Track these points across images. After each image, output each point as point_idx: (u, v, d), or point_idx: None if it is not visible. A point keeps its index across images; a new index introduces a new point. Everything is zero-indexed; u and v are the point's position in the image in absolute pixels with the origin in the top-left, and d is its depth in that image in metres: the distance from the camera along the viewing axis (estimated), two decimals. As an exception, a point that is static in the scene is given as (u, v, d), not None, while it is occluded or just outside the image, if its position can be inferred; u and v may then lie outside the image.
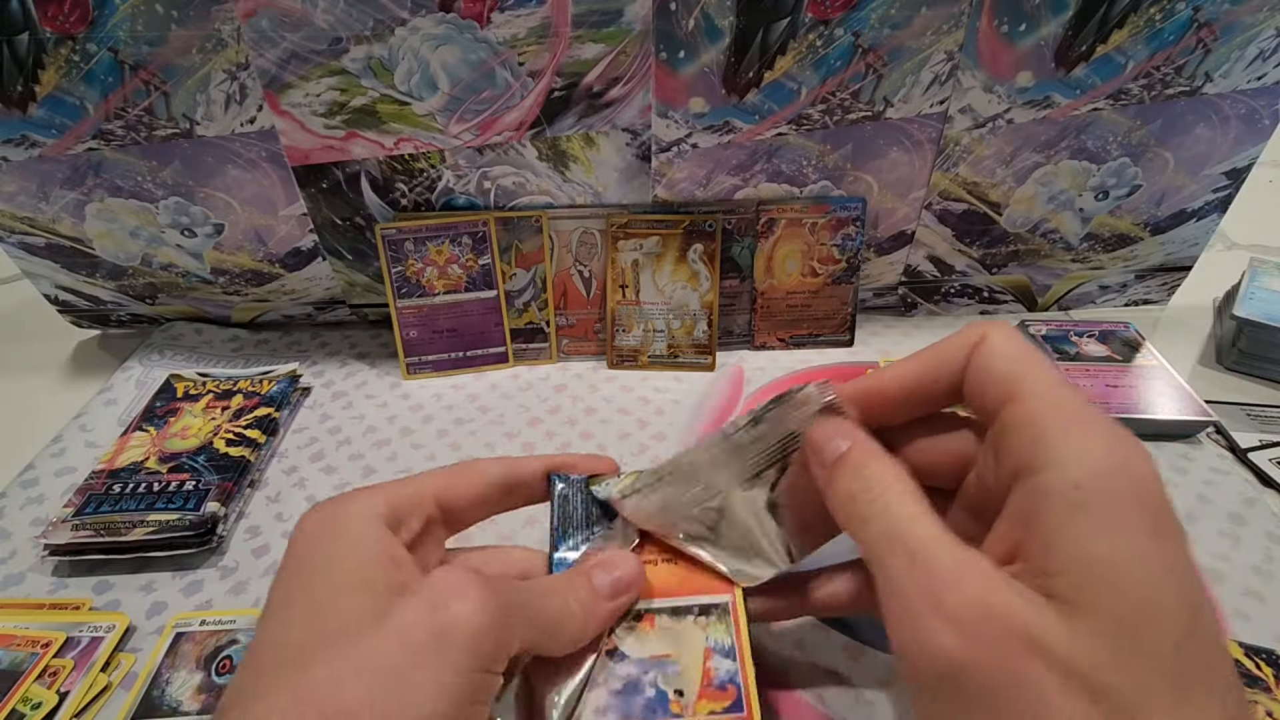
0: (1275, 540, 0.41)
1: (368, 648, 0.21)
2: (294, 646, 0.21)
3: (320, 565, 0.23)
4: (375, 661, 0.20)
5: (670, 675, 0.26)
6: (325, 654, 0.20)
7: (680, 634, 0.27)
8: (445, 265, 0.53)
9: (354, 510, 0.24)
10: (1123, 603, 0.19)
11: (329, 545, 0.24)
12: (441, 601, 0.22)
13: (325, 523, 0.24)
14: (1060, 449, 0.21)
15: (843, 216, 0.54)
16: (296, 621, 0.22)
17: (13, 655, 0.36)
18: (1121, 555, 0.20)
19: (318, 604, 0.22)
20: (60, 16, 0.43)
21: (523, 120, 0.49)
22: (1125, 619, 0.19)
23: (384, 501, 0.25)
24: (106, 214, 0.52)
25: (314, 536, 0.24)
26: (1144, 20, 0.47)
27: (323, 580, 0.23)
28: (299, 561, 0.24)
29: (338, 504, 0.25)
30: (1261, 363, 0.54)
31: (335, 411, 0.53)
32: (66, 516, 0.42)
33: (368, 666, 0.20)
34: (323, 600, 0.22)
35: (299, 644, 0.21)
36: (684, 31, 0.45)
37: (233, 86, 0.46)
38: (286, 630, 0.22)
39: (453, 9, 0.44)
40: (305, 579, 0.23)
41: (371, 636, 0.21)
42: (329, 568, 0.23)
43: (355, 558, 0.23)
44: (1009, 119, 0.50)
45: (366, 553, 0.23)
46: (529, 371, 0.57)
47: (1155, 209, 0.56)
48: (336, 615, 0.22)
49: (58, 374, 0.59)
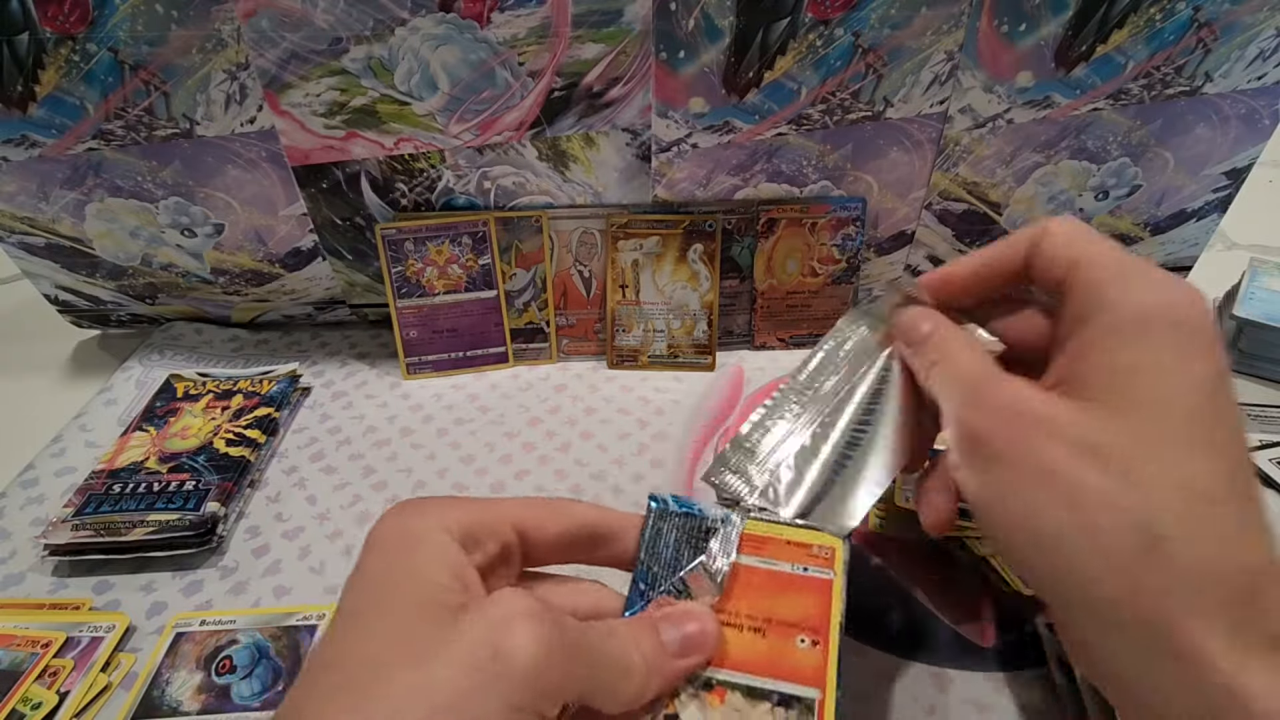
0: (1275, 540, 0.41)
1: (431, 670, 0.20)
2: (355, 663, 0.20)
3: (390, 580, 0.22)
4: (438, 684, 0.20)
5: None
6: (390, 673, 0.20)
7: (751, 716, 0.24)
8: (445, 265, 0.53)
9: (429, 524, 0.23)
10: (1135, 393, 0.23)
11: (400, 559, 0.23)
12: (503, 626, 0.21)
13: (398, 535, 0.23)
14: (1111, 294, 0.24)
15: (843, 216, 0.54)
16: (365, 638, 0.21)
17: (13, 655, 0.36)
18: (1143, 363, 0.23)
19: (386, 621, 0.21)
20: (60, 16, 0.43)
21: (523, 120, 0.49)
22: (1136, 402, 0.22)
23: (460, 518, 0.24)
24: (106, 214, 0.52)
25: (385, 548, 0.23)
26: (1144, 20, 0.47)
27: (392, 596, 0.22)
28: (368, 573, 0.23)
29: (412, 514, 0.24)
30: (1261, 363, 0.54)
31: (335, 411, 0.53)
32: (66, 516, 0.42)
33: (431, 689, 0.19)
34: (392, 618, 0.21)
35: (361, 662, 0.20)
36: (684, 31, 0.45)
37: (233, 86, 0.46)
38: (353, 645, 0.21)
39: (453, 9, 0.44)
40: (375, 593, 0.22)
41: (436, 659, 0.20)
42: (399, 583, 0.22)
43: (425, 574, 0.22)
44: (1009, 119, 0.50)
45: (437, 569, 0.22)
46: (529, 371, 0.57)
47: (1155, 209, 0.56)
48: (404, 634, 0.21)
49: (58, 374, 0.59)
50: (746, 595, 0.27)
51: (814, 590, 0.26)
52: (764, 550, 0.27)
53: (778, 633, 0.26)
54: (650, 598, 0.26)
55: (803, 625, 0.26)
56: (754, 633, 0.26)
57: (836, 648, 0.25)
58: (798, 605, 0.26)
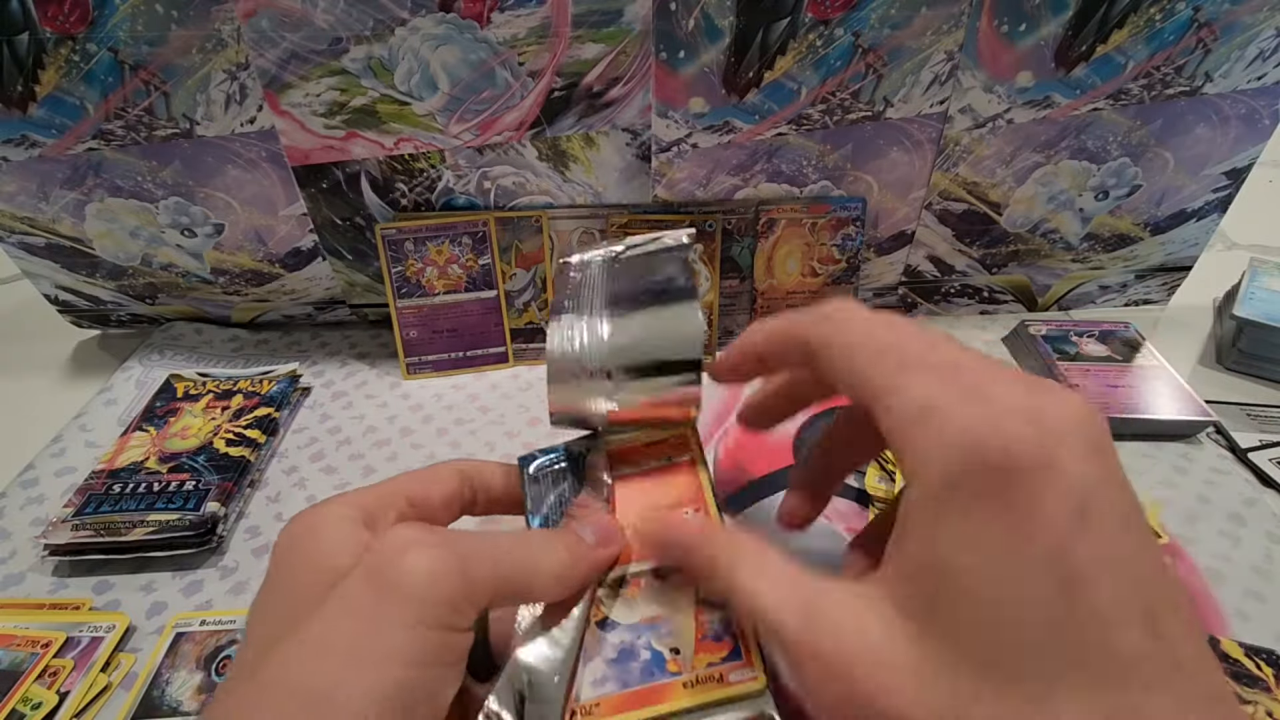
0: (1275, 540, 0.41)
1: (319, 621, 0.20)
2: (265, 641, 0.21)
3: (292, 566, 0.23)
4: (329, 634, 0.20)
5: (664, 635, 0.26)
6: (284, 640, 0.20)
7: (667, 593, 0.27)
8: (445, 265, 0.53)
9: (327, 514, 0.24)
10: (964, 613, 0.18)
11: (301, 548, 0.23)
12: (385, 559, 0.21)
13: (299, 529, 0.24)
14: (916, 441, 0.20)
15: (843, 216, 0.54)
16: (269, 619, 0.22)
17: (13, 655, 0.36)
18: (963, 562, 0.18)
19: (287, 600, 0.22)
20: (60, 16, 0.43)
21: (523, 120, 0.49)
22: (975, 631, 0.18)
23: (356, 504, 0.25)
24: (106, 214, 0.52)
25: (288, 543, 0.24)
26: (1144, 20, 0.47)
27: (293, 579, 0.23)
28: (274, 569, 0.23)
29: (312, 511, 0.25)
30: (1261, 363, 0.54)
31: (335, 411, 0.53)
32: (66, 516, 0.42)
33: (324, 641, 0.20)
34: (292, 596, 0.22)
35: (261, 638, 0.21)
36: (684, 31, 0.45)
37: (233, 86, 0.46)
38: (260, 628, 0.22)
39: (453, 9, 0.44)
40: (278, 582, 0.23)
41: (324, 612, 0.20)
42: (300, 567, 0.23)
43: (325, 552, 0.23)
44: (1009, 119, 0.50)
45: (333, 546, 0.23)
46: (529, 371, 0.57)
47: (1155, 209, 0.56)
48: (296, 604, 0.21)
49: (58, 374, 0.59)
50: (629, 500, 0.29)
51: (681, 472, 0.30)
52: (629, 459, 0.30)
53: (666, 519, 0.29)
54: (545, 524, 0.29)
55: (683, 503, 0.29)
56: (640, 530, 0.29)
57: (716, 508, 0.28)
58: (673, 490, 0.29)
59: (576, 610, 0.26)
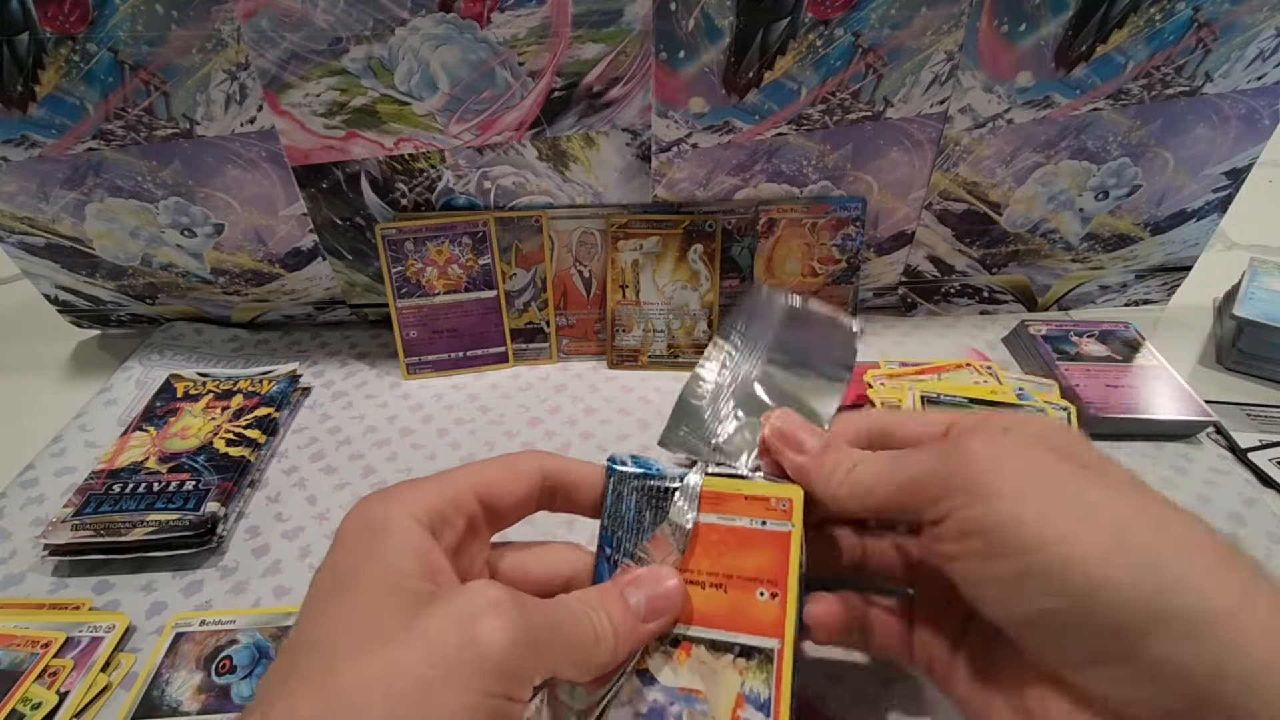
0: (1275, 540, 0.41)
1: (396, 656, 0.20)
2: (325, 647, 0.21)
3: (357, 568, 0.23)
4: (402, 671, 0.20)
5: (697, 713, 0.25)
6: (354, 658, 0.20)
7: (715, 672, 0.26)
8: (445, 265, 0.53)
9: (394, 512, 0.24)
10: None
11: (367, 548, 0.23)
12: (471, 618, 0.21)
13: (365, 524, 0.24)
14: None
15: (843, 216, 0.54)
16: (330, 623, 0.22)
17: (13, 655, 0.36)
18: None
19: (352, 607, 0.22)
20: (60, 16, 0.43)
21: (523, 120, 0.49)
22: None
23: (426, 504, 0.25)
24: (106, 214, 0.52)
25: (353, 538, 0.24)
26: (1144, 20, 0.47)
27: (358, 583, 0.22)
28: (337, 562, 0.23)
29: (378, 504, 0.25)
30: (1261, 363, 0.54)
31: (335, 411, 0.53)
32: (66, 516, 0.42)
33: (395, 675, 0.20)
34: (357, 604, 0.22)
35: (330, 645, 0.21)
36: (684, 31, 0.45)
37: (233, 86, 0.46)
38: (319, 630, 0.22)
39: (453, 9, 0.44)
40: (341, 581, 0.23)
41: (401, 646, 0.20)
42: (365, 571, 0.23)
43: (392, 562, 0.23)
44: (1009, 119, 0.50)
45: (404, 558, 0.23)
46: (529, 371, 0.57)
47: (1155, 209, 0.56)
48: (369, 620, 0.21)
49: (58, 374, 0.59)
50: (708, 552, 0.27)
51: (772, 543, 0.27)
52: (723, 507, 0.28)
53: (739, 587, 0.27)
54: (616, 561, 0.28)
55: (762, 578, 0.27)
56: (716, 588, 0.27)
57: (796, 598, 0.26)
58: (757, 559, 0.27)
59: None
